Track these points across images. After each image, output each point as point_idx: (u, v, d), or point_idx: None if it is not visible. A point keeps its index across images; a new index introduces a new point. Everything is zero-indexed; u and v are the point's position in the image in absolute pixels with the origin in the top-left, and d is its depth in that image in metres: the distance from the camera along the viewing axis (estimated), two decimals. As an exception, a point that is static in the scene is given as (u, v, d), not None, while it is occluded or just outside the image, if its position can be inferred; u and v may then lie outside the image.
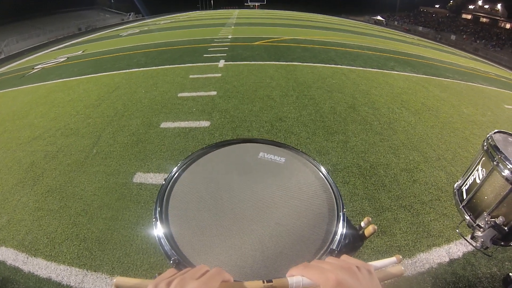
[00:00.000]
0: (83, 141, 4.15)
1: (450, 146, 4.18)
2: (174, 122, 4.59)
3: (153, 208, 0.89)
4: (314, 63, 8.63)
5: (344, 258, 0.58)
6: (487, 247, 1.73)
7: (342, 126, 4.51)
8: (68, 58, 11.79)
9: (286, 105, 5.28)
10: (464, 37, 38.60)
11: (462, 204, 1.93)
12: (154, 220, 0.84)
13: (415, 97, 6.21)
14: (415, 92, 6.59)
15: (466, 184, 1.98)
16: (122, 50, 11.71)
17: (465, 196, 1.95)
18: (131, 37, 16.93)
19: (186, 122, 4.56)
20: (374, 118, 4.84)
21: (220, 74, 7.12)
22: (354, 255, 0.77)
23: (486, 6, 44.56)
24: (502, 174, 1.61)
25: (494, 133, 1.87)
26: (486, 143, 1.81)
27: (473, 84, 8.75)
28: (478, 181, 1.81)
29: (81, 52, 13.07)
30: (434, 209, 2.94)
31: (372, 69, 8.53)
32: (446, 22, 48.02)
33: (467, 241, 1.83)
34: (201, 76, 7.03)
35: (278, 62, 8.58)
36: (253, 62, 8.46)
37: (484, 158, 1.81)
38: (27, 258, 2.35)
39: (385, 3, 57.16)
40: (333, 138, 4.14)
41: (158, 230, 0.81)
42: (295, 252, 0.75)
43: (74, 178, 3.34)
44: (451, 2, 52.62)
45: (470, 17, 47.99)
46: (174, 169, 1.06)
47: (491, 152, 1.72)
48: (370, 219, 0.86)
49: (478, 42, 36.12)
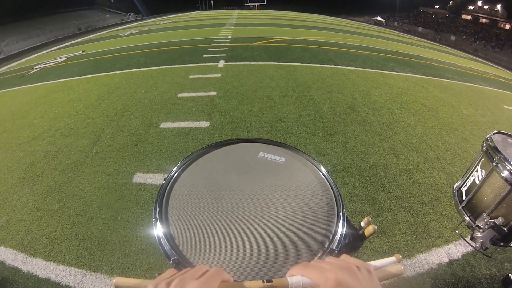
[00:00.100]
0: (83, 141, 4.15)
1: (449, 146, 4.18)
2: (173, 122, 4.59)
3: (152, 208, 0.89)
4: (314, 64, 8.63)
5: (344, 257, 0.58)
6: (487, 248, 1.72)
7: (341, 127, 4.50)
8: (68, 58, 11.79)
9: (286, 105, 5.28)
10: (463, 37, 38.62)
11: (461, 205, 1.93)
12: (154, 220, 0.84)
13: (415, 97, 6.21)
14: (415, 92, 6.59)
15: (466, 185, 1.97)
16: (122, 50, 11.70)
17: (464, 197, 1.94)
18: (131, 37, 16.93)
19: (186, 123, 4.55)
20: (373, 119, 4.84)
21: (220, 75, 7.12)
22: (354, 255, 0.76)
23: (486, 7, 44.66)
24: (501, 175, 1.61)
25: (494, 134, 1.87)
26: (485, 144, 1.81)
27: (472, 84, 8.76)
28: (478, 182, 1.81)
29: (81, 52, 13.06)
30: (434, 210, 2.94)
31: (371, 69, 8.53)
32: (445, 22, 48.06)
33: (467, 241, 1.82)
34: (201, 76, 7.02)
35: (278, 62, 8.58)
36: (253, 63, 8.46)
37: (483, 159, 1.80)
38: (26, 258, 2.35)
39: (384, 4, 57.20)
40: (332, 139, 4.14)
41: (157, 230, 0.81)
42: (295, 252, 0.75)
43: (74, 178, 3.34)
44: (451, 2, 52.67)
45: (469, 17, 48.07)
46: (174, 169, 1.06)
47: (491, 153, 1.72)
48: (370, 219, 0.86)
49: (478, 42, 36.15)
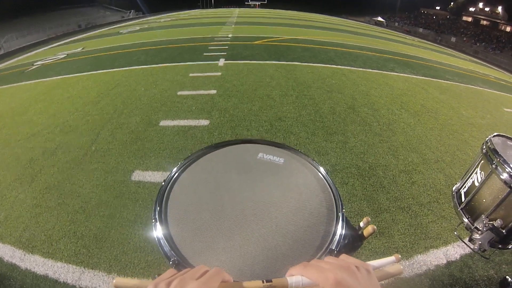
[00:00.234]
0: (82, 138, 4.14)
1: (449, 148, 4.18)
2: (173, 120, 4.58)
3: (151, 207, 0.89)
4: (314, 63, 8.62)
5: (343, 257, 0.58)
6: (485, 250, 1.73)
7: (341, 127, 4.50)
8: (67, 55, 11.76)
9: (286, 104, 5.28)
10: (464, 39, 38.66)
11: (460, 206, 1.93)
12: (153, 221, 0.83)
13: (415, 98, 6.21)
14: (415, 93, 6.59)
15: (465, 187, 1.97)
16: (122, 48, 11.69)
17: (463, 198, 1.94)
18: (131, 34, 16.91)
19: (186, 121, 4.55)
20: (373, 119, 4.84)
21: (220, 73, 7.11)
22: (353, 255, 0.76)
23: (487, 9, 44.72)
24: (501, 177, 1.60)
25: (493, 136, 1.86)
26: (485, 146, 1.81)
27: (472, 86, 8.77)
28: (477, 184, 1.81)
29: (81, 49, 13.04)
30: (432, 211, 2.94)
31: (372, 70, 8.53)
32: (446, 24, 48.09)
33: (465, 243, 1.82)
34: (201, 74, 7.02)
35: (278, 61, 8.57)
36: (253, 61, 8.46)
37: (483, 161, 1.80)
38: (24, 255, 2.35)
39: (385, 4, 57.20)
40: (332, 139, 4.14)
41: (157, 231, 0.80)
42: (295, 252, 0.75)
43: (73, 175, 3.33)
44: (452, 4, 52.70)
45: (470, 19, 48.13)
46: (174, 169, 1.06)
47: (490, 155, 1.71)
48: (369, 219, 0.86)
49: (478, 44, 36.18)
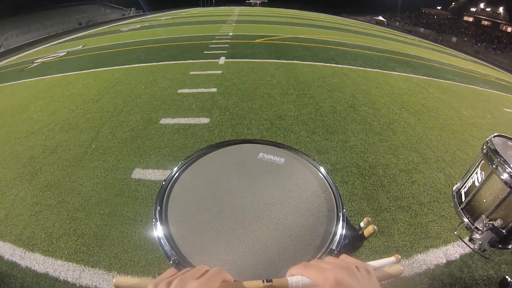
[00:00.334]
0: (82, 136, 4.14)
1: (449, 148, 4.18)
2: (173, 118, 4.58)
3: (152, 205, 0.89)
4: (315, 62, 8.61)
5: (343, 257, 0.58)
6: (485, 250, 1.72)
7: (342, 126, 4.50)
8: (68, 52, 11.75)
9: (286, 103, 5.27)
10: (465, 39, 38.62)
11: (460, 206, 1.93)
12: (154, 220, 0.83)
13: (415, 98, 6.20)
14: (415, 93, 6.58)
15: (465, 186, 1.97)
16: (122, 46, 11.68)
17: (463, 198, 1.94)
18: (132, 32, 16.89)
19: (186, 119, 4.55)
20: (374, 118, 4.84)
21: (220, 71, 7.10)
22: (353, 255, 0.77)
23: (488, 9, 44.64)
24: (501, 177, 1.61)
25: (494, 136, 1.87)
26: (485, 147, 1.81)
27: (473, 86, 8.76)
28: (477, 184, 1.81)
29: (81, 46, 13.03)
30: (432, 210, 2.94)
31: (372, 69, 8.52)
32: (447, 24, 48.04)
33: (465, 243, 1.83)
34: (201, 72, 7.01)
35: (279, 60, 8.57)
36: (253, 60, 8.45)
37: (483, 161, 1.80)
38: (25, 253, 2.35)
39: (386, 4, 57.10)
40: (332, 138, 4.13)
41: (157, 231, 0.80)
42: (295, 252, 0.75)
43: (73, 173, 3.33)
44: (453, 4, 52.61)
45: (471, 19, 48.06)
46: (174, 169, 1.06)
47: (491, 155, 1.72)
48: (370, 219, 0.86)
49: (479, 44, 36.15)
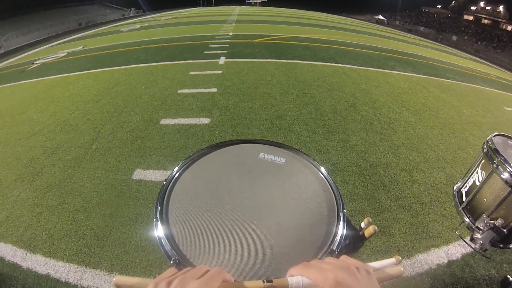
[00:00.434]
0: (83, 137, 4.14)
1: (450, 147, 4.18)
2: (174, 118, 4.57)
3: (153, 206, 0.89)
4: (315, 62, 8.60)
5: (343, 258, 0.58)
6: (486, 249, 1.72)
7: (342, 125, 4.50)
8: (68, 53, 11.75)
9: (287, 103, 5.27)
10: (465, 38, 38.57)
11: (461, 206, 1.92)
12: (154, 220, 0.83)
13: (416, 97, 6.20)
14: (416, 92, 6.58)
15: (466, 186, 1.97)
16: (122, 46, 11.67)
17: (464, 198, 1.94)
18: (132, 32, 16.89)
19: (186, 119, 4.54)
20: (374, 118, 4.84)
21: (220, 71, 7.09)
22: (354, 256, 0.77)
23: (488, 8, 44.59)
24: (502, 176, 1.60)
25: (494, 136, 1.86)
26: (486, 146, 1.80)
27: (473, 85, 8.75)
28: (478, 183, 1.80)
29: (81, 47, 13.02)
30: (434, 210, 2.94)
31: (372, 68, 8.51)
32: (447, 22, 47.98)
33: (466, 243, 1.82)
34: (201, 72, 7.00)
35: (279, 60, 8.55)
36: (253, 60, 8.43)
37: (483, 161, 1.80)
38: (26, 254, 2.35)
39: (386, 3, 57.06)
40: (333, 137, 4.13)
41: (158, 230, 0.80)
42: (295, 252, 0.75)
43: (73, 174, 3.33)
44: (453, 2, 52.55)
45: (471, 18, 48.00)
46: (175, 169, 1.05)
47: (491, 154, 1.71)
48: (371, 220, 0.85)
49: (479, 43, 36.10)
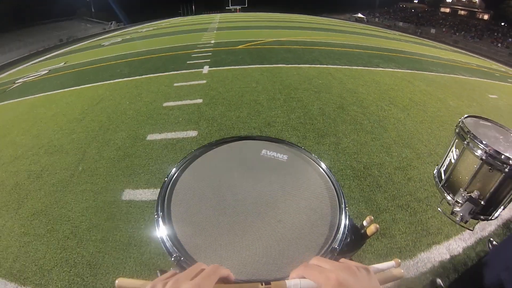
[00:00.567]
0: (68, 158, 4.00)
1: (440, 140, 4.21)
2: (160, 133, 4.47)
3: (145, 227, 0.85)
4: (299, 64, 8.62)
5: (342, 261, 0.59)
6: (467, 221, 1.91)
7: (332, 128, 4.48)
8: (50, 70, 11.50)
9: (274, 109, 5.23)
10: (443, 30, 39.46)
11: (441, 184, 2.15)
12: (156, 216, 0.83)
13: (402, 93, 6.26)
14: (402, 88, 6.64)
15: (444, 165, 2.19)
16: (104, 60, 11.48)
17: (443, 176, 2.15)
18: (113, 46, 16.69)
19: (173, 133, 4.45)
20: (363, 117, 4.84)
21: (205, 81, 7.01)
22: (355, 254, 0.81)
23: (463, -1, 45.78)
24: (472, 151, 1.80)
25: (465, 117, 2.07)
26: (457, 127, 2.01)
27: (456, 76, 8.92)
28: (453, 161, 2.02)
29: (63, 64, 12.78)
30: (431, 206, 2.94)
31: (357, 67, 8.59)
32: (425, 16, 49.08)
33: (448, 217, 2.03)
34: (185, 83, 6.91)
35: (263, 65, 8.53)
36: (237, 67, 8.38)
37: (457, 140, 2.01)
38: (16, 288, 2.23)
39: (364, 1, 57.96)
40: (324, 141, 4.10)
41: (160, 227, 0.80)
42: (297, 249, 0.74)
43: (60, 199, 3.20)
44: (429, -4, 53.81)
45: (448, 10, 49.24)
46: (176, 166, 1.05)
47: (462, 134, 1.92)
48: (372, 218, 0.86)
49: (458, 34, 36.99)
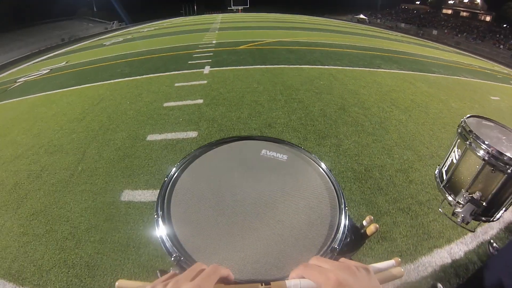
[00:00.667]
0: (68, 158, 3.99)
1: (442, 142, 4.18)
2: (160, 134, 4.45)
3: (144, 229, 0.84)
4: (301, 65, 8.59)
5: (342, 260, 0.59)
6: (468, 222, 1.89)
7: (333, 129, 4.45)
8: (51, 70, 11.50)
9: (275, 110, 5.21)
10: (445, 31, 39.39)
11: (442, 184, 2.13)
12: (155, 216, 0.83)
13: (404, 94, 6.23)
14: (403, 89, 6.61)
15: (445, 166, 2.17)
16: (105, 60, 11.48)
17: (444, 177, 2.13)
18: (115, 46, 16.69)
19: (173, 134, 4.43)
20: (365, 119, 4.81)
21: (205, 81, 6.99)
22: (355, 254, 0.81)
23: (466, 0, 45.67)
24: (475, 152, 1.79)
25: (468, 117, 2.05)
26: (459, 127, 2.00)
27: (458, 77, 8.89)
28: (455, 161, 2.00)
29: (64, 63, 12.78)
30: (432, 209, 2.91)
31: (359, 68, 8.56)
32: (427, 17, 49.02)
33: (449, 218, 2.03)
34: (186, 84, 6.89)
35: (264, 65, 8.50)
36: (238, 67, 8.36)
37: (459, 141, 2.00)
38: (14, 288, 2.22)
39: (366, 2, 57.97)
40: (325, 142, 4.08)
41: (159, 227, 0.79)
42: (297, 250, 0.74)
43: (60, 199, 3.19)
44: (431, -2, 53.75)
45: (450, 11, 49.19)
46: (176, 166, 1.05)
47: (465, 134, 1.90)
48: (372, 218, 0.85)
49: (460, 35, 36.92)
